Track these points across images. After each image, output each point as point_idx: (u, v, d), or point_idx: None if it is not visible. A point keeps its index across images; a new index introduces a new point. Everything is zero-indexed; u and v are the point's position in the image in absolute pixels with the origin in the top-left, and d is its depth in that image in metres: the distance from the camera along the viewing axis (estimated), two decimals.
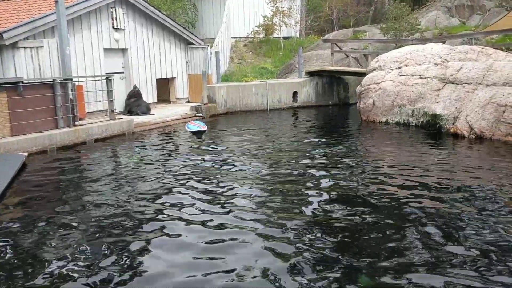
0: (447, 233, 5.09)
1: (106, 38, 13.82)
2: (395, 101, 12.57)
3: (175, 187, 7.13)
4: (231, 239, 5.08)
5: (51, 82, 10.55)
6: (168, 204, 6.33)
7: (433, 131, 11.33)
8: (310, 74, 17.46)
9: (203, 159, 9.01)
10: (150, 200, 6.55)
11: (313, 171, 7.87)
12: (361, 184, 7.09)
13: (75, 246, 5.03)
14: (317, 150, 9.54)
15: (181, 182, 7.41)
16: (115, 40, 14.10)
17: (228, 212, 5.92)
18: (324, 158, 8.88)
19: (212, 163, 8.62)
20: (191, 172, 8.02)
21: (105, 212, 6.14)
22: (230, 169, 8.15)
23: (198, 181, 7.40)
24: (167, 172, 8.07)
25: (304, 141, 10.80)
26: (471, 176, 7.39)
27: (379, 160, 8.76)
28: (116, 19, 13.93)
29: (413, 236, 5.03)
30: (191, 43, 16.79)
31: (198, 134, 11.62)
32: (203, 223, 5.58)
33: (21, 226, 5.73)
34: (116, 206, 6.36)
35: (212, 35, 21.71)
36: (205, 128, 11.88)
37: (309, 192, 6.73)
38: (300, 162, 8.56)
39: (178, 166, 8.50)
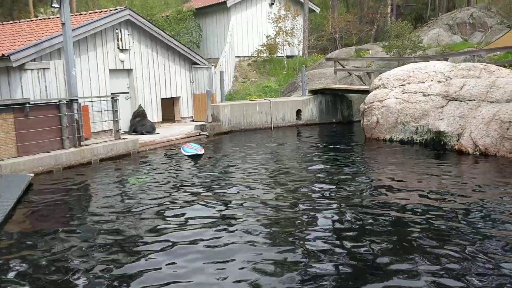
0: (456, 254, 5.06)
1: (112, 59, 14.00)
2: (399, 118, 12.60)
3: (180, 207, 7.14)
4: (237, 252, 5.09)
5: (57, 103, 10.67)
6: (172, 224, 6.34)
7: (437, 148, 11.33)
8: (314, 92, 17.56)
9: (207, 179, 9.03)
10: (155, 220, 6.56)
11: (316, 189, 7.87)
12: (366, 204, 7.07)
13: (80, 266, 5.04)
14: (321, 168, 9.55)
15: (186, 202, 7.43)
16: (121, 61, 14.28)
17: (233, 231, 5.93)
18: (328, 176, 8.88)
19: (216, 183, 8.65)
20: (196, 192, 8.04)
21: (110, 231, 6.15)
22: (234, 189, 8.17)
23: (203, 202, 7.42)
24: (172, 192, 8.10)
25: (308, 159, 10.81)
26: (478, 195, 7.35)
27: (384, 179, 8.75)
28: (121, 40, 14.14)
29: (421, 258, 5.01)
30: (196, 63, 16.97)
31: (195, 157, 11.32)
32: (208, 248, 5.58)
33: (26, 246, 5.74)
34: (121, 226, 6.37)
35: (216, 55, 21.95)
36: (202, 151, 11.59)
37: (312, 213, 6.73)
38: (303, 181, 8.56)
39: (183, 186, 8.52)
